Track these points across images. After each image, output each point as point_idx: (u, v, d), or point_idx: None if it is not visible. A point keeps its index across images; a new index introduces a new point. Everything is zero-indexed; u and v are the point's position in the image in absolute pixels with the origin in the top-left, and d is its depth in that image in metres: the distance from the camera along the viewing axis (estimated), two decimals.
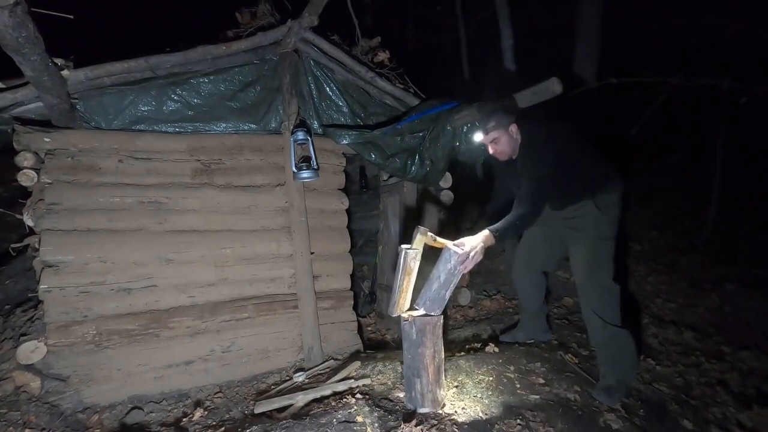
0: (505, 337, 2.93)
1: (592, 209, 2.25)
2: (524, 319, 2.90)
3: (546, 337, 2.88)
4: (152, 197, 2.74)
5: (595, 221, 2.25)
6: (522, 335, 2.87)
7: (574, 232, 2.34)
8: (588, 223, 2.26)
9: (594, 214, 2.25)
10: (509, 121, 2.24)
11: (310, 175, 2.97)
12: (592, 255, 2.27)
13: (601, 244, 2.27)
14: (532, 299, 2.78)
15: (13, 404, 2.34)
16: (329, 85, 3.22)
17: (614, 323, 2.26)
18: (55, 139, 2.56)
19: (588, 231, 2.27)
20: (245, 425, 2.13)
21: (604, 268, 2.27)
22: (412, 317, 1.94)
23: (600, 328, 2.27)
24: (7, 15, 1.54)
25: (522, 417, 1.93)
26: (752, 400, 2.53)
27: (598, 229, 2.26)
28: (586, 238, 2.28)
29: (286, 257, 3.07)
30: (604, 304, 2.27)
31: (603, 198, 2.26)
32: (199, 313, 2.82)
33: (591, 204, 2.25)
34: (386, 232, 4.06)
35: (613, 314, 2.28)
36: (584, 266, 2.30)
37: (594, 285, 2.28)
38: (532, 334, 2.86)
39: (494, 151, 2.31)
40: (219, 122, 2.98)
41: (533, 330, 2.87)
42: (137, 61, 2.64)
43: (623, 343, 2.28)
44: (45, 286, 2.47)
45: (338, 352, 3.18)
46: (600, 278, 2.27)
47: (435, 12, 8.73)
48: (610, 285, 2.28)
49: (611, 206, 2.27)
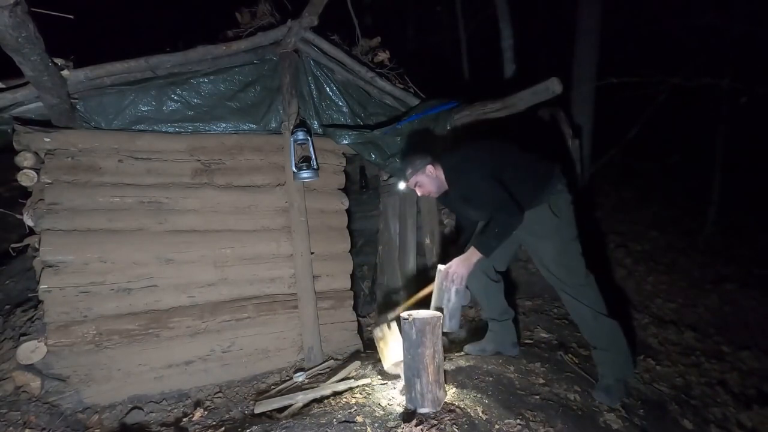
0: (471, 348, 2.65)
1: (548, 214, 2.22)
2: (492, 327, 2.64)
3: (514, 352, 2.61)
4: (152, 197, 2.74)
5: (555, 228, 2.23)
6: (491, 346, 2.62)
7: (536, 239, 2.31)
8: (548, 230, 2.24)
9: (551, 220, 2.21)
10: (424, 163, 2.33)
11: (310, 175, 2.97)
12: (562, 260, 2.26)
13: (566, 247, 2.25)
14: (492, 300, 2.58)
15: (13, 404, 2.33)
16: (329, 85, 3.22)
17: (601, 311, 2.28)
18: (55, 139, 2.56)
19: (550, 238, 2.25)
20: (245, 425, 2.13)
21: (576, 269, 2.27)
22: (412, 317, 1.94)
23: (591, 319, 2.27)
24: (7, 15, 1.54)
25: (522, 417, 1.92)
26: (752, 400, 2.54)
27: (560, 235, 2.24)
28: (552, 245, 2.26)
29: (286, 257, 3.07)
30: (587, 296, 2.28)
31: (557, 200, 2.23)
32: (199, 313, 2.82)
33: (546, 209, 2.22)
34: (386, 232, 4.06)
35: (598, 304, 2.28)
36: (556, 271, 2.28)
37: (571, 286, 2.28)
38: (500, 345, 2.61)
39: (422, 192, 2.43)
40: (219, 122, 2.98)
41: (502, 340, 2.61)
42: (137, 61, 2.64)
43: (613, 333, 2.28)
44: (45, 286, 2.47)
45: (338, 352, 3.18)
46: (575, 278, 2.27)
47: (435, 12, 8.72)
48: (587, 279, 2.29)
49: (566, 209, 2.25)
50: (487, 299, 2.59)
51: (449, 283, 2.16)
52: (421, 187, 2.40)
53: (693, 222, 5.31)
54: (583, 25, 5.26)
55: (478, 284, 2.54)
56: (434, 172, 2.35)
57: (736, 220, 5.35)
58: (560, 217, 2.22)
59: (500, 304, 2.60)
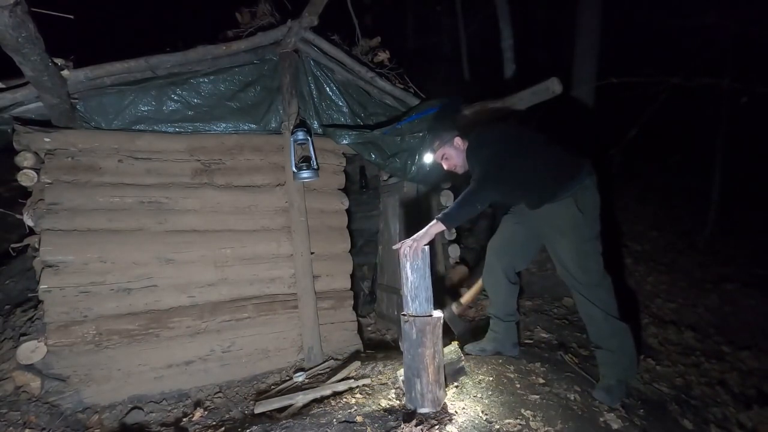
0: (471, 348, 2.61)
1: (572, 209, 2.19)
2: (495, 327, 2.61)
3: (515, 353, 2.58)
4: (152, 197, 2.74)
5: (577, 224, 2.20)
6: (491, 346, 2.59)
7: (557, 233, 2.27)
8: (570, 225, 2.21)
9: (575, 215, 2.20)
10: (452, 135, 2.33)
11: (310, 175, 2.97)
12: (581, 258, 2.23)
13: (586, 245, 2.23)
14: (503, 300, 2.55)
15: (13, 404, 2.34)
16: (329, 85, 3.22)
17: (614, 314, 2.25)
18: (55, 139, 2.57)
19: (571, 234, 2.22)
20: (245, 425, 2.13)
21: (594, 268, 2.25)
22: (412, 317, 1.94)
23: (601, 320, 2.24)
24: (7, 15, 1.54)
25: (522, 417, 1.93)
26: (752, 400, 2.53)
27: (581, 232, 2.22)
28: (572, 241, 2.23)
29: (286, 257, 3.07)
30: (601, 297, 2.25)
31: (582, 196, 2.21)
32: (199, 313, 2.82)
33: (572, 204, 2.19)
34: (386, 232, 4.06)
35: (611, 306, 2.26)
36: (573, 268, 2.25)
37: (586, 286, 2.25)
38: (501, 346, 2.58)
39: (447, 166, 2.41)
40: (219, 122, 2.98)
41: (504, 341, 2.58)
42: (137, 61, 2.64)
43: (623, 337, 2.26)
44: (45, 286, 2.47)
45: (338, 352, 3.18)
46: (593, 278, 2.24)
47: (435, 12, 8.73)
48: (603, 281, 2.27)
49: (591, 206, 2.23)
50: (498, 298, 2.57)
51: (404, 260, 1.96)
52: (448, 160, 2.38)
53: (693, 222, 5.30)
54: (583, 25, 5.27)
55: (495, 283, 2.53)
56: (462, 146, 2.35)
57: (736, 220, 5.35)
58: (584, 213, 2.20)
59: (510, 306, 2.58)
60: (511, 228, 2.50)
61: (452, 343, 2.38)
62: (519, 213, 2.47)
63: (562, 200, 2.20)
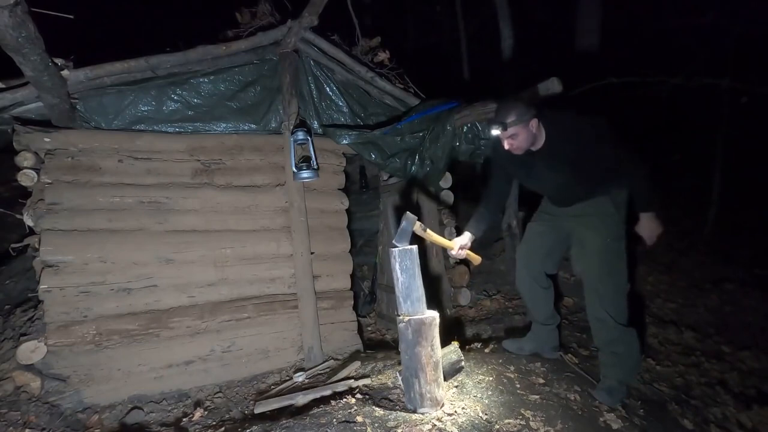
0: (510, 345, 2.64)
1: (609, 209, 2.18)
2: (535, 329, 2.63)
3: (554, 355, 2.59)
4: (152, 197, 2.75)
5: (610, 223, 2.19)
6: (529, 346, 2.60)
7: (588, 230, 2.24)
8: (603, 222, 2.20)
9: (610, 213, 2.18)
10: (530, 115, 2.09)
11: (310, 175, 2.97)
12: (609, 257, 2.20)
13: (616, 245, 2.21)
14: (539, 306, 2.55)
15: (13, 404, 2.34)
16: (329, 85, 3.22)
17: (623, 323, 2.24)
18: (55, 139, 2.57)
19: (603, 232, 2.20)
20: (245, 425, 2.13)
21: (619, 269, 2.23)
22: (408, 318, 1.94)
23: (611, 327, 2.22)
24: (7, 15, 1.54)
25: (522, 417, 1.92)
26: (752, 400, 2.53)
27: (611, 231, 2.19)
28: (602, 239, 2.21)
29: (286, 257, 3.07)
30: (616, 304, 2.23)
31: (617, 196, 2.20)
32: (199, 313, 2.82)
33: (608, 201, 2.18)
34: (386, 232, 4.06)
35: (623, 313, 2.25)
36: (599, 268, 2.22)
37: (608, 286, 2.22)
38: (540, 347, 2.60)
39: (510, 146, 2.18)
40: (219, 122, 2.98)
41: (543, 343, 2.59)
42: (137, 61, 2.64)
43: (631, 343, 2.25)
44: (45, 286, 2.47)
45: (338, 352, 3.18)
46: (615, 279, 2.22)
47: (435, 12, 8.73)
48: (624, 285, 2.25)
49: (624, 207, 2.22)
50: (534, 305, 2.57)
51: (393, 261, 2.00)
52: (514, 140, 2.13)
53: (693, 222, 5.30)
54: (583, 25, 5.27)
55: (528, 291, 2.53)
56: (537, 128, 2.14)
57: (736, 220, 5.34)
58: (618, 211, 2.19)
59: (548, 310, 2.57)
60: (537, 234, 2.50)
61: (452, 343, 2.38)
62: (544, 217, 2.46)
63: (599, 197, 2.20)
